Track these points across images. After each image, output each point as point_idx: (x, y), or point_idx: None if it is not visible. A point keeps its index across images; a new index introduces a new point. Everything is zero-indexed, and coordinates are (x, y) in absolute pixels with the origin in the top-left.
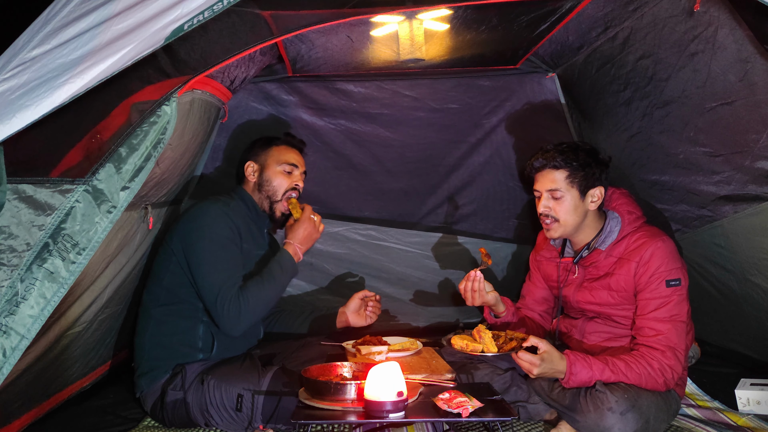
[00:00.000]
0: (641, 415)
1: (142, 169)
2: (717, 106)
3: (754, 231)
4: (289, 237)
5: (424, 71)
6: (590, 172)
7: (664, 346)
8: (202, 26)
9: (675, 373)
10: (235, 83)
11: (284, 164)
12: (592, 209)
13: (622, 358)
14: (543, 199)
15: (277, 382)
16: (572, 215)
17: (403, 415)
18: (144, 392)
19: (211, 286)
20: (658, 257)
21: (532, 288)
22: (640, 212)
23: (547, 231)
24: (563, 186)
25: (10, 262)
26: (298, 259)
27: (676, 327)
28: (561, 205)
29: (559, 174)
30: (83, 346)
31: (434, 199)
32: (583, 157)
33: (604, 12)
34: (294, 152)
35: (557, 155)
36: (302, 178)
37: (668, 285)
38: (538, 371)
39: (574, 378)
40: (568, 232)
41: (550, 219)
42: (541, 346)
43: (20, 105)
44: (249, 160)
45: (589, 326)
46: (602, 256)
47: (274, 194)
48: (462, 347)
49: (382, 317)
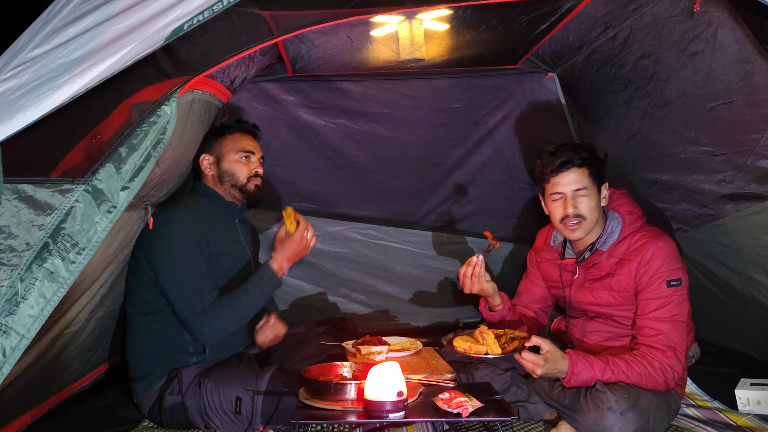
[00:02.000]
0: (641, 415)
1: (142, 169)
2: (717, 105)
3: (757, 229)
4: (278, 251)
5: (424, 71)
6: (601, 168)
7: (664, 346)
8: (202, 26)
9: (675, 372)
10: (235, 83)
11: (240, 152)
12: (603, 205)
13: (623, 358)
14: (569, 200)
15: (276, 382)
16: (595, 212)
17: (403, 415)
18: (140, 397)
19: (175, 298)
20: (659, 257)
21: (530, 286)
22: (641, 212)
23: (572, 232)
24: (588, 183)
25: (10, 262)
26: (283, 273)
27: (677, 327)
28: (588, 202)
29: (583, 171)
30: (81, 346)
31: (434, 199)
32: (593, 153)
33: (604, 12)
34: (248, 138)
35: (578, 152)
36: (260, 164)
37: (669, 285)
38: (541, 371)
39: (575, 378)
40: (589, 229)
41: (578, 219)
42: (543, 346)
43: (20, 105)
44: (203, 153)
45: (590, 326)
46: (604, 257)
47: (237, 181)
48: (465, 349)
49: (382, 317)
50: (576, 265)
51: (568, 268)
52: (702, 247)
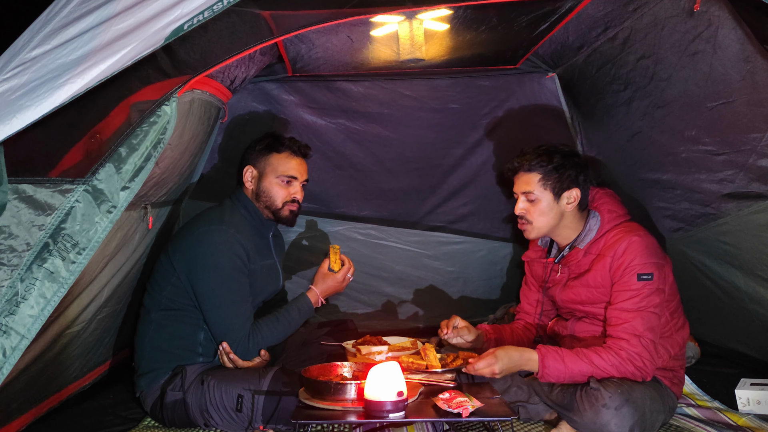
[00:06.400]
0: (636, 409)
1: (142, 169)
2: (718, 105)
3: (759, 228)
4: (318, 286)
5: (424, 71)
6: (565, 174)
7: (628, 334)
8: (202, 26)
9: (644, 360)
10: (235, 83)
11: (282, 176)
12: (569, 210)
13: (593, 350)
14: (519, 201)
15: (278, 383)
16: (546, 217)
17: (403, 415)
18: (143, 392)
19: (218, 321)
20: (632, 251)
21: (526, 291)
22: (623, 211)
23: (524, 233)
24: (537, 188)
25: (10, 262)
26: (318, 306)
27: (643, 316)
28: (535, 207)
29: (533, 177)
30: (82, 346)
31: (434, 199)
32: (558, 159)
33: (604, 12)
34: (296, 161)
35: (532, 158)
36: (301, 189)
37: (639, 278)
38: (499, 367)
39: (547, 371)
40: (543, 233)
41: (525, 221)
42: (484, 357)
43: (20, 105)
44: (248, 165)
45: (578, 326)
46: (581, 254)
47: (272, 204)
48: (408, 365)
49: (382, 317)
50: (556, 263)
51: (552, 266)
52: (704, 246)
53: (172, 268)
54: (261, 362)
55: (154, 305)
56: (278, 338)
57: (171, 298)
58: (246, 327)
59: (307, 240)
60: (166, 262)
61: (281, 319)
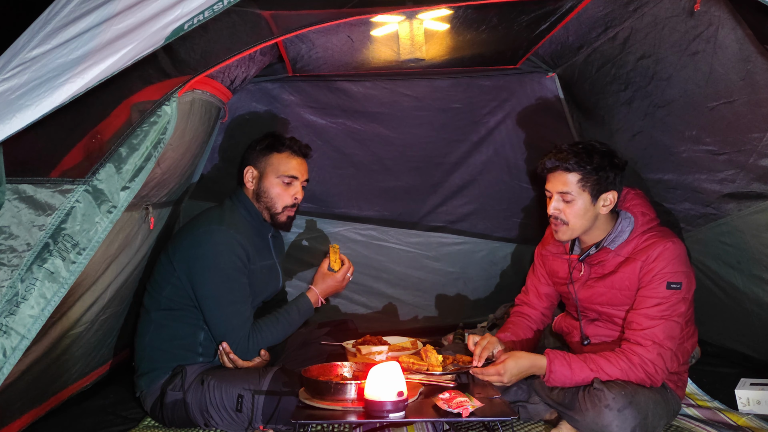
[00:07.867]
0: (639, 411)
1: (143, 169)
2: (719, 105)
3: (759, 228)
4: (318, 285)
5: (424, 71)
6: (604, 176)
7: (647, 341)
8: (203, 26)
9: (657, 368)
10: (235, 83)
11: (283, 176)
12: (604, 213)
13: (602, 355)
14: (554, 201)
15: (278, 383)
16: (582, 219)
17: (403, 415)
18: (143, 392)
19: (218, 321)
20: (664, 258)
21: (536, 282)
22: (654, 214)
23: (555, 233)
24: (575, 189)
25: (11, 262)
26: (318, 306)
27: (666, 324)
28: (571, 208)
29: (572, 177)
30: (84, 347)
31: (435, 199)
32: (597, 160)
33: (604, 12)
34: (296, 161)
35: (571, 157)
36: (302, 189)
37: (669, 287)
38: (508, 377)
39: (554, 376)
40: (577, 234)
41: (560, 221)
42: (494, 365)
43: (20, 105)
44: (249, 165)
45: (589, 329)
46: (611, 255)
47: (272, 206)
48: (408, 365)
49: (382, 318)
50: (580, 262)
51: (574, 264)
52: (705, 246)
53: (172, 268)
54: (261, 362)
55: (154, 305)
56: (278, 338)
57: (171, 298)
58: (246, 327)
59: (307, 241)
60: (166, 263)
61: (281, 319)
